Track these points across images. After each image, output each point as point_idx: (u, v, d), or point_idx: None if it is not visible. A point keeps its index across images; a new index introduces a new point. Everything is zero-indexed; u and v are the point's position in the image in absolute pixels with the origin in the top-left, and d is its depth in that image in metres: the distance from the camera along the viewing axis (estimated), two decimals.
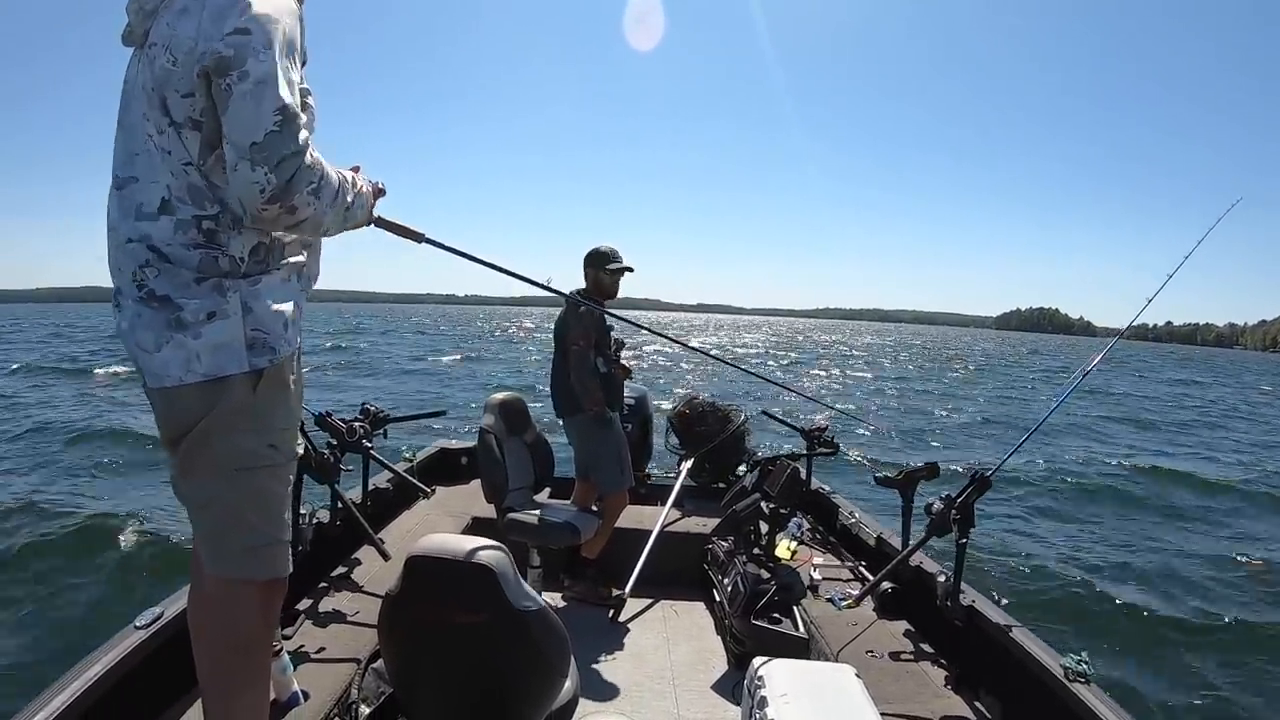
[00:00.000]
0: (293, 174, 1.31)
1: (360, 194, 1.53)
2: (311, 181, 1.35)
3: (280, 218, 1.35)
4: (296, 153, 1.31)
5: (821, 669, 2.13)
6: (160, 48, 1.35)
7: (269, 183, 1.28)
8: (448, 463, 4.49)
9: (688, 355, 27.66)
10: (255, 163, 1.27)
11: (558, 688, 1.64)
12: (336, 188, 1.43)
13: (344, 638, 2.40)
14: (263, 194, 1.29)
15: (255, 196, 1.29)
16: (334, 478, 2.89)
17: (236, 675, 1.53)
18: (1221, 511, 9.16)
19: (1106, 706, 1.93)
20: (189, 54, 1.31)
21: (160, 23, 1.36)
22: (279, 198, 1.31)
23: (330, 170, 1.42)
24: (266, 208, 1.31)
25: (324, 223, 1.44)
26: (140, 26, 1.41)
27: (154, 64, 1.36)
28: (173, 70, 1.33)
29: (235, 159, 1.28)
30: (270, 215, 1.33)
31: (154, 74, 1.36)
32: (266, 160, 1.27)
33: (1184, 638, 5.23)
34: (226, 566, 1.48)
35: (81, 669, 1.76)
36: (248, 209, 1.32)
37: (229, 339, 1.38)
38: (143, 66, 1.40)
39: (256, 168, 1.27)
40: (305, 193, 1.34)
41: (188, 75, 1.32)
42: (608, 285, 3.53)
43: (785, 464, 3.39)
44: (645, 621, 3.32)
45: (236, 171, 1.29)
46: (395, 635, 1.60)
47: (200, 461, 1.43)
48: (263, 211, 1.32)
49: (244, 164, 1.27)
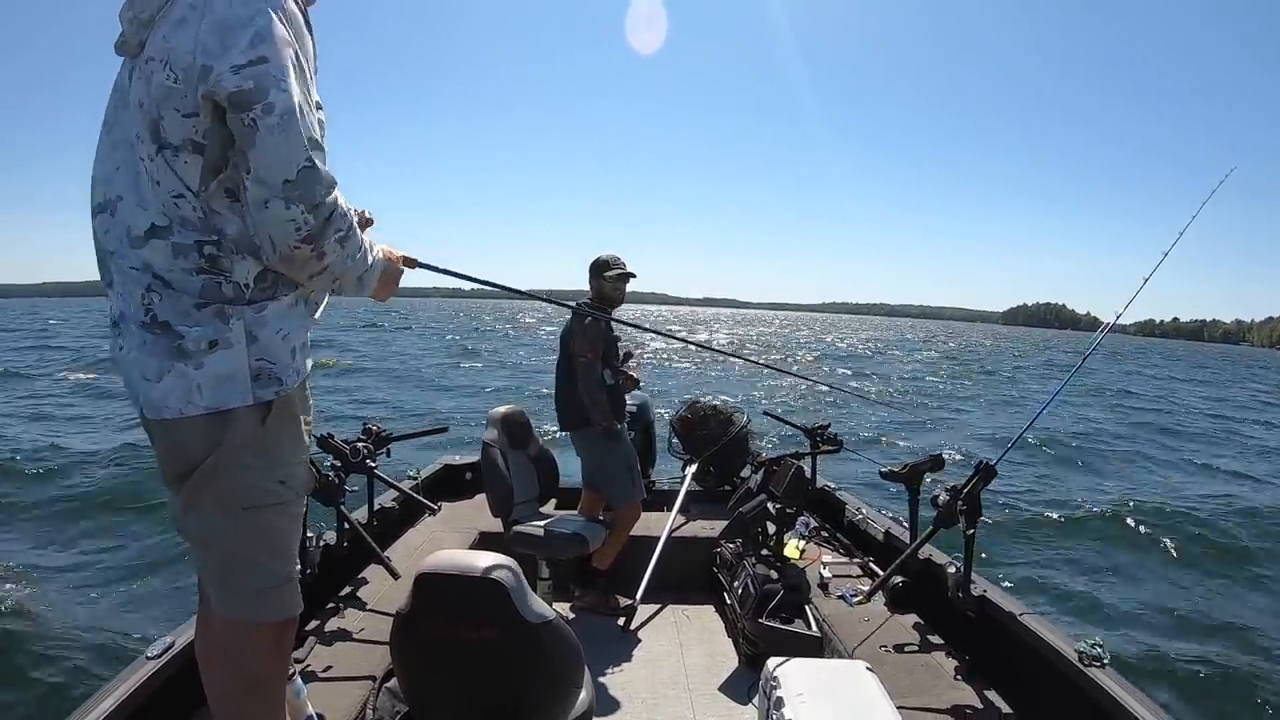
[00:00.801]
0: (330, 214, 1.26)
1: (376, 260, 1.46)
2: (341, 229, 1.30)
3: (309, 262, 1.29)
4: (329, 189, 1.26)
5: (835, 666, 2.13)
6: (158, 63, 1.27)
7: (306, 223, 1.23)
8: (452, 478, 4.48)
9: (688, 354, 27.62)
10: (290, 201, 1.21)
11: (572, 699, 1.64)
12: (359, 244, 1.38)
13: (356, 657, 2.40)
14: (298, 233, 1.23)
15: (290, 235, 1.23)
16: (339, 499, 2.88)
17: (250, 711, 1.49)
18: (1233, 494, 9.17)
19: (1124, 689, 1.92)
20: (189, 70, 1.23)
21: (156, 35, 1.28)
22: (313, 239, 1.25)
23: (355, 223, 1.36)
24: (299, 248, 1.25)
25: (340, 276, 1.38)
26: (135, 37, 1.33)
27: (151, 80, 1.28)
28: (174, 88, 1.26)
29: (266, 196, 1.21)
30: (301, 257, 1.27)
31: (151, 91, 1.28)
32: (303, 199, 1.22)
33: (1199, 618, 5.22)
34: (236, 608, 1.43)
35: (95, 701, 1.75)
36: (278, 248, 1.25)
37: (233, 370, 1.31)
38: (137, 80, 1.32)
39: (292, 206, 1.21)
40: (334, 239, 1.29)
41: (190, 93, 1.24)
42: (610, 292, 3.52)
43: (789, 463, 3.39)
44: (657, 627, 3.31)
45: (268, 209, 1.22)
46: (407, 653, 1.60)
47: (205, 499, 1.36)
48: (294, 251, 1.26)
49: (277, 202, 1.21)
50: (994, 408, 18.04)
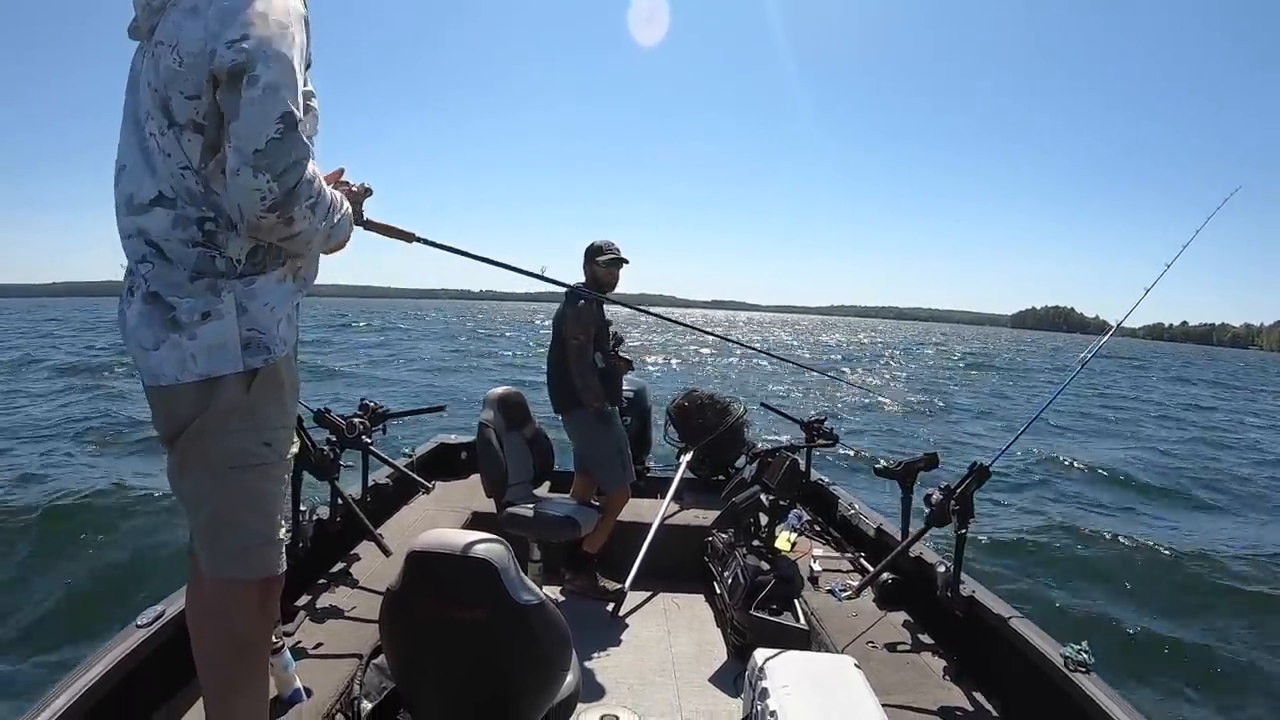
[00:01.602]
0: (294, 184, 1.30)
1: (345, 215, 1.52)
2: (310, 196, 1.35)
3: (276, 228, 1.34)
4: (298, 162, 1.30)
5: (822, 660, 2.14)
6: (166, 46, 1.34)
7: (270, 191, 1.28)
8: (447, 458, 4.49)
9: (688, 349, 27.60)
10: (258, 169, 1.26)
11: (559, 681, 1.64)
12: (329, 205, 1.43)
13: (345, 633, 2.40)
14: (263, 202, 1.28)
15: (255, 204, 1.28)
16: (334, 474, 2.88)
17: (236, 674, 1.53)
18: (1226, 499, 9.21)
19: (1107, 695, 1.93)
20: (197, 55, 1.30)
21: (167, 20, 1.35)
22: (279, 207, 1.30)
23: (326, 187, 1.42)
24: (265, 216, 1.30)
25: (313, 239, 1.44)
26: (146, 22, 1.40)
27: (159, 63, 1.35)
28: (179, 71, 1.33)
29: (238, 164, 1.27)
30: (267, 224, 1.32)
31: (159, 73, 1.35)
32: (269, 168, 1.26)
33: (1186, 627, 5.25)
34: (222, 566, 1.49)
35: (84, 669, 1.76)
36: (245, 215, 1.31)
37: (224, 339, 1.38)
38: (148, 63, 1.39)
39: (259, 174, 1.26)
40: (304, 205, 1.34)
41: (194, 77, 1.32)
42: (603, 277, 3.52)
43: (784, 456, 3.39)
44: (646, 614, 3.32)
45: (238, 176, 1.27)
46: (397, 630, 1.60)
47: (194, 459, 1.44)
48: (260, 220, 1.31)
49: (246, 170, 1.26)
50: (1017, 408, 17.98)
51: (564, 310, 3.43)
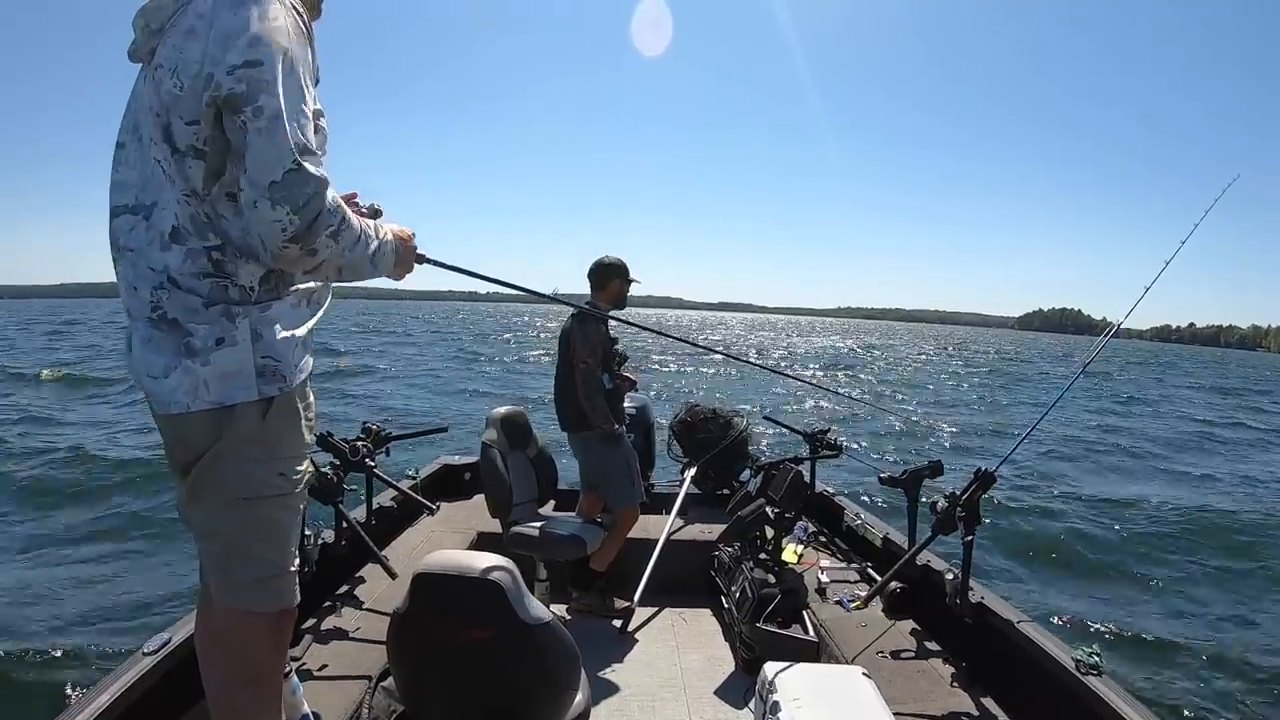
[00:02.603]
0: (315, 215, 1.29)
1: (383, 244, 1.49)
2: (331, 225, 1.33)
3: (300, 259, 1.33)
4: (318, 193, 1.29)
5: (832, 672, 2.13)
6: (166, 70, 1.32)
7: (291, 223, 1.27)
8: (451, 478, 4.48)
9: (691, 361, 27.62)
10: (275, 202, 1.25)
11: (569, 700, 1.64)
12: (358, 234, 1.40)
13: (353, 656, 2.40)
14: (284, 233, 1.27)
15: (277, 235, 1.27)
16: (338, 498, 2.88)
17: (247, 704, 1.51)
18: (1227, 503, 9.16)
19: (1120, 697, 1.92)
20: (196, 79, 1.28)
21: (166, 43, 1.34)
22: (300, 238, 1.29)
23: (351, 215, 1.39)
24: (287, 247, 1.29)
25: (343, 267, 1.41)
26: (146, 45, 1.38)
27: (160, 87, 1.33)
28: (180, 96, 1.31)
29: (254, 196, 1.25)
30: (291, 255, 1.31)
31: (160, 98, 1.33)
32: (288, 200, 1.25)
33: (1197, 627, 5.22)
34: (235, 597, 1.46)
35: (91, 696, 1.76)
36: (269, 247, 1.29)
37: (238, 366, 1.36)
38: (148, 87, 1.37)
39: (277, 207, 1.25)
40: (325, 235, 1.32)
41: (194, 102, 1.29)
42: (625, 296, 3.56)
43: (788, 468, 3.39)
44: (654, 630, 3.31)
45: (256, 209, 1.26)
46: (404, 652, 1.60)
47: (208, 489, 1.40)
48: (284, 250, 1.30)
49: (264, 202, 1.25)
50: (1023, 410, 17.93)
51: (572, 331, 3.41)
